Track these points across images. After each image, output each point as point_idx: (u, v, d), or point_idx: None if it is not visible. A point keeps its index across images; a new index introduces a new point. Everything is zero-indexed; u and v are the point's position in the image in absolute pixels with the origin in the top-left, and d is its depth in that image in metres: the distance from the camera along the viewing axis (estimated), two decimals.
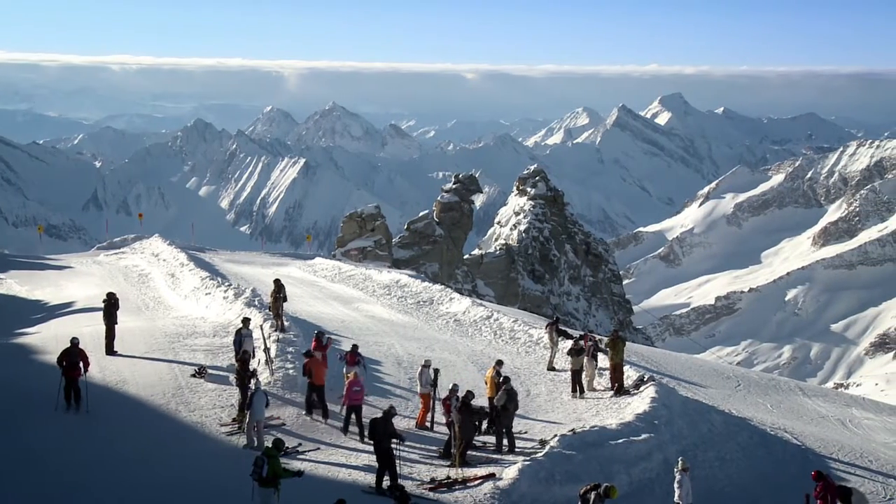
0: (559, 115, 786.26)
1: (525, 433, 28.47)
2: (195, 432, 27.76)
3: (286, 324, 37.31)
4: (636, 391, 31.87)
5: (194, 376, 32.20)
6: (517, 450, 26.74)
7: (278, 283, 38.15)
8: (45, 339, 36.83)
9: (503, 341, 40.65)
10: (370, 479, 24.11)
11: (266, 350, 33.12)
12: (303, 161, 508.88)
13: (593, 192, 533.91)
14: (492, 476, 24.34)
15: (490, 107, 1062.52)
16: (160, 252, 59.16)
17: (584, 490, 21.13)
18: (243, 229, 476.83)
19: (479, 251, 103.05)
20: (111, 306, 35.16)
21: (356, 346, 31.66)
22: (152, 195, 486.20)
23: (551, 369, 35.85)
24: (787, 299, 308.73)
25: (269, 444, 22.28)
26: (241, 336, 31.81)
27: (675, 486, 23.26)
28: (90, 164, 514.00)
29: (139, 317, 41.72)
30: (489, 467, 25.25)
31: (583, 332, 38.38)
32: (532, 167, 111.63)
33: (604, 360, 33.84)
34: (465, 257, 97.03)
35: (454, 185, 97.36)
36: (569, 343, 34.92)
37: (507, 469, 24.50)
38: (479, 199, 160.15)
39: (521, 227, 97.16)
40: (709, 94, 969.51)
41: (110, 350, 34.50)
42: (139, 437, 26.95)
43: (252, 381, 27.53)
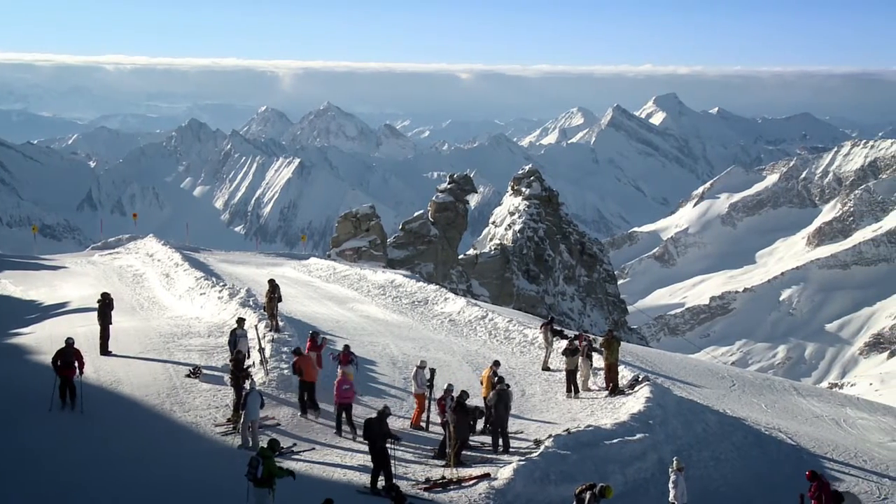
0: (554, 115, 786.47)
1: (519, 433, 28.46)
2: (190, 432, 27.72)
3: (281, 324, 37.28)
4: (631, 391, 31.87)
5: (189, 376, 32.16)
6: (512, 450, 26.73)
7: (273, 283, 38.09)
8: (39, 339, 36.77)
9: (498, 341, 40.64)
10: (365, 479, 24.10)
11: (261, 350, 33.09)
12: (297, 161, 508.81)
13: (588, 192, 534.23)
14: (487, 476, 24.33)
15: (485, 107, 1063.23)
16: (155, 252, 59.05)
17: (579, 490, 21.15)
18: (238, 229, 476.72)
19: (474, 251, 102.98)
20: (106, 306, 35.11)
21: (348, 345, 31.71)
22: (147, 195, 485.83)
23: (546, 369, 35.83)
24: (781, 299, 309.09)
25: (264, 445, 22.27)
26: (236, 336, 31.80)
27: (670, 485, 23.27)
28: (84, 164, 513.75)
29: (134, 317, 41.67)
30: (484, 467, 25.23)
31: (577, 332, 38.37)
32: (527, 167, 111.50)
33: (598, 360, 33.85)
34: (460, 257, 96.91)
35: (449, 185, 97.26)
36: (563, 343, 34.93)
37: (502, 469, 24.50)
38: (473, 199, 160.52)
39: (516, 227, 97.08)
40: (703, 94, 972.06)
41: (105, 350, 34.45)
42: (134, 437, 26.92)
43: (247, 382, 27.53)
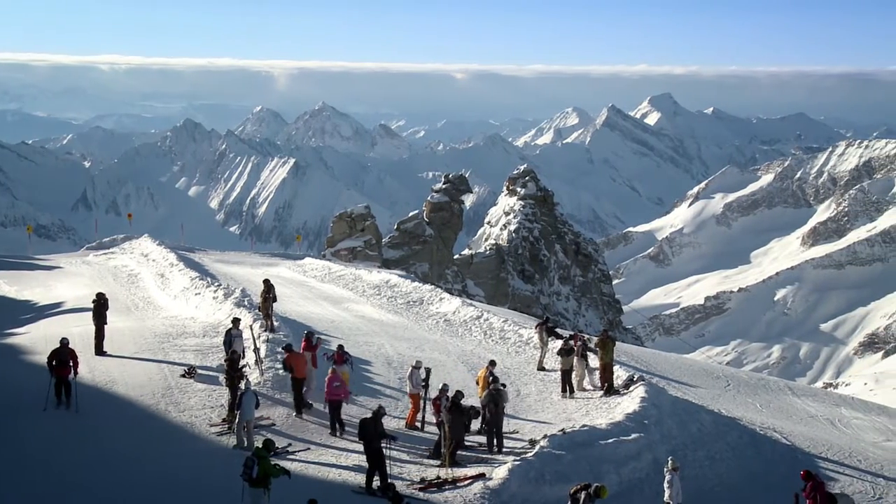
0: (549, 115, 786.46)
1: (515, 433, 28.47)
2: (185, 432, 27.72)
3: (276, 324, 37.30)
4: (626, 391, 31.88)
5: (184, 376, 32.16)
6: (506, 450, 26.75)
7: (268, 283, 38.11)
8: (34, 339, 36.74)
9: (493, 341, 40.65)
10: (360, 479, 24.10)
11: (256, 350, 33.09)
12: (292, 161, 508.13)
13: (583, 192, 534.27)
14: (482, 476, 24.34)
15: (480, 107, 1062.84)
16: (149, 252, 59.04)
17: (573, 490, 21.16)
18: (233, 229, 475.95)
19: (469, 251, 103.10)
20: (101, 307, 35.09)
21: (342, 345, 31.76)
22: (142, 195, 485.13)
23: (541, 369, 35.86)
24: (776, 299, 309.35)
25: (259, 445, 22.27)
26: (232, 336, 31.79)
27: (665, 485, 23.29)
28: (79, 164, 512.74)
29: (129, 317, 41.65)
30: (479, 467, 25.24)
31: (572, 333, 38.39)
32: (522, 167, 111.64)
33: (593, 360, 33.86)
34: (455, 257, 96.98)
35: (444, 185, 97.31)
36: (559, 343, 34.94)
37: (496, 469, 24.51)
38: (468, 199, 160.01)
39: (511, 227, 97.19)
40: (698, 95, 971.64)
41: (100, 350, 34.44)
42: (129, 437, 26.91)
43: (242, 382, 27.53)
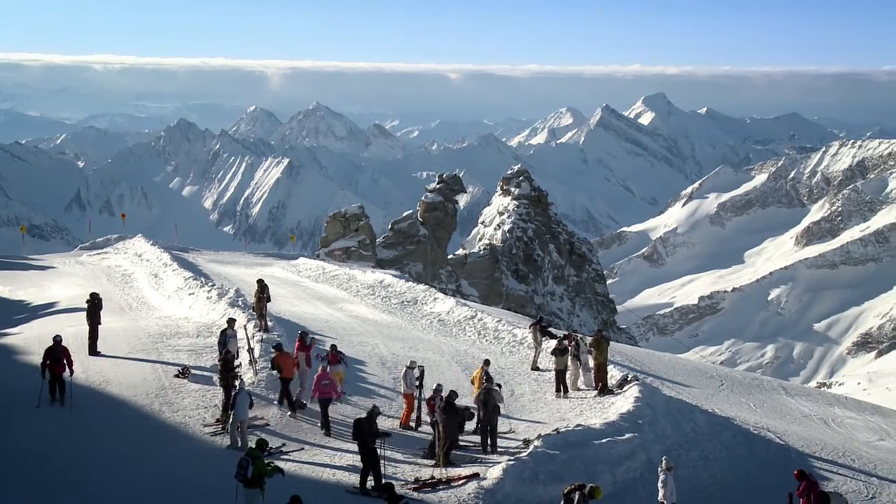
0: (543, 115, 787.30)
1: (509, 433, 28.45)
2: (179, 433, 27.67)
3: (270, 324, 37.27)
4: (620, 391, 31.89)
5: (178, 377, 32.11)
6: (501, 449, 26.73)
7: (262, 283, 38.05)
8: (27, 339, 36.68)
9: (487, 341, 40.65)
10: (354, 479, 24.07)
11: (250, 350, 33.05)
12: (286, 161, 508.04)
13: (577, 191, 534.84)
14: (476, 476, 24.31)
15: (474, 107, 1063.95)
16: (143, 252, 58.97)
17: (567, 490, 21.14)
18: (227, 229, 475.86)
19: (463, 251, 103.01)
20: (94, 307, 35.03)
21: (335, 345, 31.84)
22: (135, 195, 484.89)
23: (535, 369, 35.86)
24: (769, 299, 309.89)
25: (252, 445, 22.24)
26: (226, 337, 31.75)
27: (660, 485, 23.29)
28: (73, 164, 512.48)
29: (122, 317, 41.59)
30: (473, 467, 25.22)
31: (566, 332, 38.40)
32: (516, 167, 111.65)
33: (588, 360, 33.87)
34: (449, 257, 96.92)
35: (438, 185, 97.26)
36: (553, 343, 34.95)
37: (491, 469, 24.47)
38: (462, 199, 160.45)
39: (505, 227, 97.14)
40: (692, 95, 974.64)
41: (93, 350, 34.38)
42: (123, 437, 26.85)
43: (236, 382, 27.51)
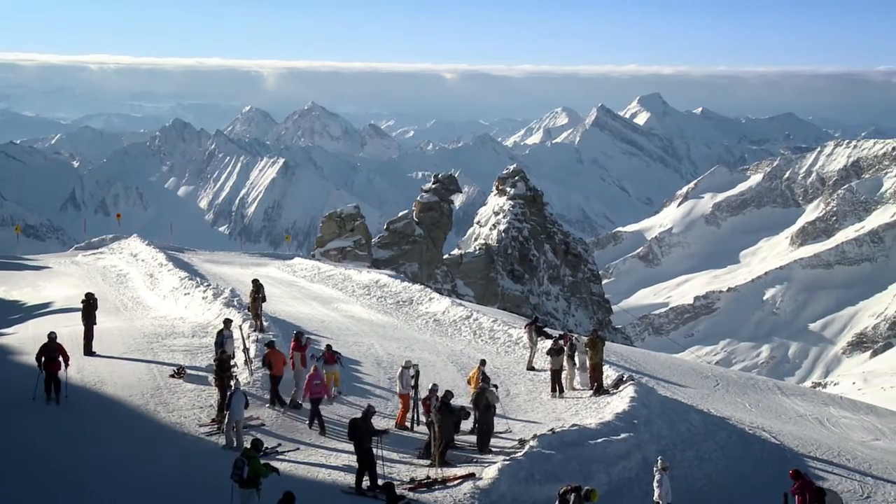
0: (538, 115, 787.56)
1: (506, 433, 28.45)
2: (174, 433, 27.67)
3: (265, 324, 37.26)
4: (615, 391, 31.92)
5: (173, 377, 32.11)
6: (496, 449, 26.73)
7: (257, 283, 38.08)
8: (22, 339, 36.64)
9: (483, 341, 40.66)
10: (349, 479, 24.09)
11: (245, 350, 33.04)
12: (282, 161, 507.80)
13: (572, 191, 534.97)
14: (471, 476, 24.32)
15: (469, 107, 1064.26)
16: (138, 252, 58.94)
17: (563, 490, 21.11)
18: (222, 229, 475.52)
19: (459, 251, 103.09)
20: (90, 307, 35.01)
21: (330, 345, 31.95)
22: (131, 195, 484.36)
23: (531, 369, 35.89)
24: (765, 299, 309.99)
25: (248, 445, 22.23)
26: (223, 338, 31.72)
27: (655, 485, 23.30)
28: (68, 164, 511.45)
29: (118, 317, 41.56)
30: (469, 467, 25.23)
31: (562, 332, 38.41)
32: (511, 167, 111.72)
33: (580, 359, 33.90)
34: (445, 257, 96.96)
35: (433, 185, 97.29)
36: (548, 343, 34.97)
37: (486, 469, 24.49)
38: (458, 199, 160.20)
39: (501, 227, 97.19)
40: (687, 95, 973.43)
41: (88, 351, 34.36)
42: (118, 437, 26.85)
43: (231, 382, 27.51)
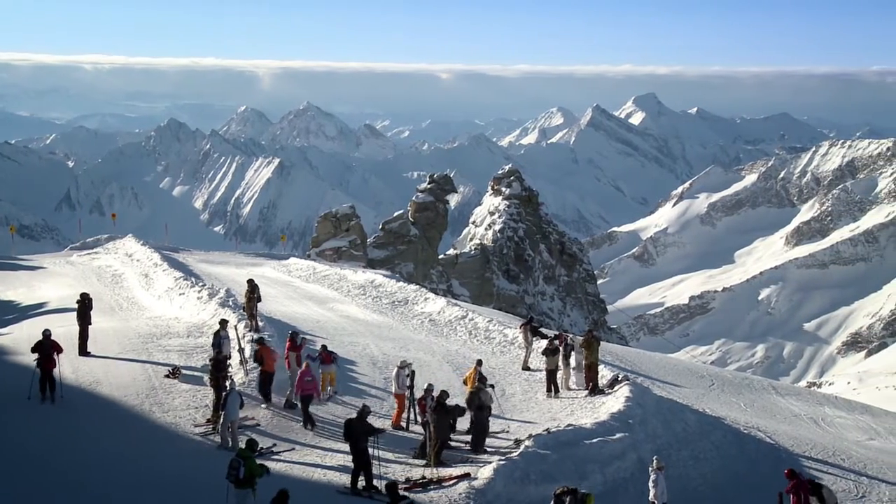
0: (533, 115, 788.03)
1: (502, 433, 28.45)
2: (169, 433, 27.63)
3: (261, 324, 37.21)
4: (610, 391, 31.91)
5: (168, 377, 32.07)
6: (491, 449, 26.73)
7: (252, 283, 38.04)
8: (17, 339, 36.52)
9: (478, 341, 40.65)
10: (345, 479, 24.07)
11: (240, 350, 33.01)
12: (277, 161, 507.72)
13: (568, 191, 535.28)
14: (467, 476, 24.31)
15: (465, 107, 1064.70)
16: (134, 252, 58.84)
17: (559, 491, 21.08)
18: (217, 229, 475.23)
19: (454, 251, 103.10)
20: (85, 307, 34.94)
21: (325, 346, 32.02)
22: (126, 195, 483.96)
23: (526, 369, 35.87)
24: (760, 299, 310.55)
25: (243, 445, 22.21)
26: (220, 338, 31.67)
27: (650, 485, 23.31)
28: (63, 164, 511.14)
29: (113, 317, 41.49)
30: (464, 467, 25.22)
31: (557, 332, 38.42)
32: (507, 167, 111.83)
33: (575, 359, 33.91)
34: (440, 257, 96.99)
35: (429, 185, 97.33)
36: (543, 343, 34.96)
37: (482, 469, 24.47)
38: (453, 199, 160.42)
39: (496, 227, 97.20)
40: (682, 95, 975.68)
41: (83, 351, 34.29)
42: (113, 437, 26.80)
43: (227, 382, 27.49)
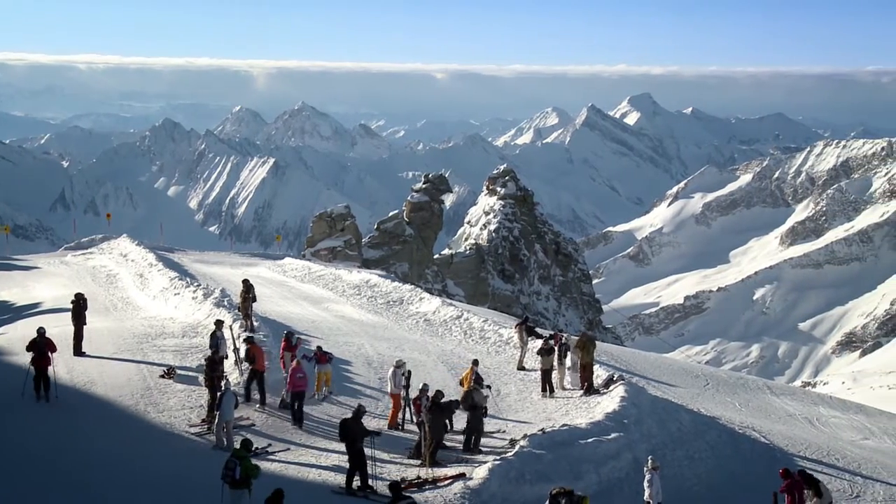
0: (529, 115, 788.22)
1: (497, 433, 28.46)
2: (164, 433, 27.62)
3: (255, 324, 37.18)
4: (606, 390, 31.94)
5: (163, 377, 32.04)
6: (487, 449, 26.74)
7: (247, 283, 38.02)
8: (11, 339, 36.46)
9: (473, 341, 40.66)
10: (340, 479, 24.08)
11: (235, 350, 32.99)
12: (272, 161, 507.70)
13: (563, 191, 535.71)
14: (462, 476, 24.32)
15: (460, 107, 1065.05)
16: (128, 252, 58.76)
17: (555, 491, 21.05)
18: (212, 229, 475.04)
19: (449, 251, 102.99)
20: (79, 307, 34.90)
21: (320, 346, 32.12)
22: (120, 195, 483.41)
23: (521, 369, 35.90)
24: (755, 298, 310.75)
25: (238, 445, 22.20)
26: (217, 339, 31.65)
27: (645, 484, 23.34)
28: (57, 164, 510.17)
29: (107, 317, 41.43)
30: (459, 467, 25.23)
31: (552, 332, 38.44)
32: (502, 167, 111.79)
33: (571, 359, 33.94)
34: (435, 257, 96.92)
35: (424, 185, 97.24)
36: (538, 343, 34.99)
37: (477, 469, 24.49)
38: (448, 199, 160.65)
39: (491, 227, 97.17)
40: (677, 95, 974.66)
41: (78, 351, 34.25)
42: (108, 437, 26.78)
43: (221, 382, 27.48)
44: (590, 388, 32.39)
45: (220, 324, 32.80)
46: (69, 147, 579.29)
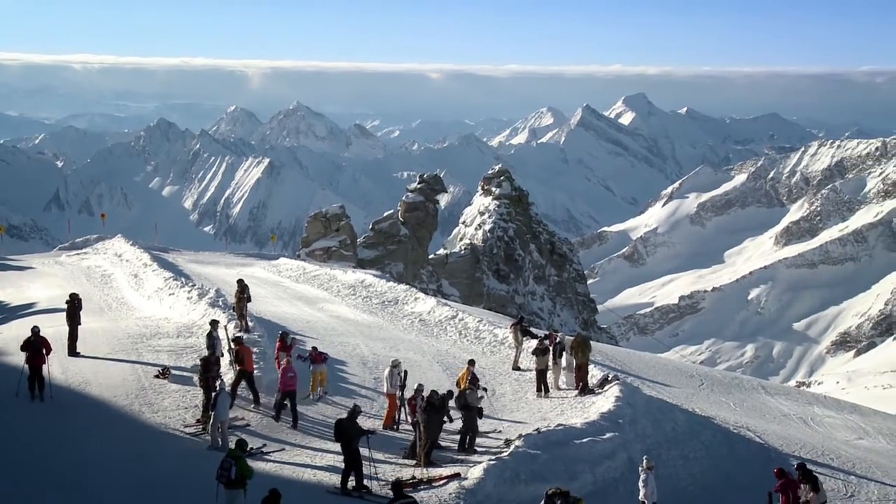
0: (523, 115, 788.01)
1: (493, 433, 28.47)
2: (159, 433, 27.57)
3: (250, 324, 37.18)
4: (600, 390, 31.94)
5: (158, 377, 32.01)
6: (482, 449, 26.74)
7: (242, 283, 38.00)
8: (6, 340, 36.39)
9: (468, 341, 40.66)
10: (335, 479, 24.06)
11: (230, 350, 32.93)
12: (267, 161, 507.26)
13: (558, 191, 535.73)
14: (457, 476, 24.31)
15: (455, 107, 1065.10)
16: (123, 252, 58.70)
17: (550, 492, 21.02)
18: (207, 229, 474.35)
19: (444, 251, 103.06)
20: (74, 307, 34.86)
21: (315, 347, 32.15)
22: (115, 195, 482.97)
23: (516, 369, 35.91)
24: (749, 298, 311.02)
25: (233, 446, 22.19)
26: (213, 340, 31.62)
27: (640, 484, 23.34)
28: (52, 164, 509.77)
29: (102, 318, 41.38)
30: (454, 467, 25.23)
31: (547, 332, 38.44)
32: (496, 167, 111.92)
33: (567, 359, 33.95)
34: (430, 257, 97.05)
35: (419, 185, 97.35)
36: (533, 343, 35.01)
37: (472, 469, 24.48)
38: (443, 199, 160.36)
39: (486, 227, 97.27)
40: (672, 95, 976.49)
41: (73, 351, 34.20)
42: (102, 437, 26.74)
43: (216, 382, 27.46)
44: (585, 388, 32.40)
45: (215, 324, 32.79)
46: (64, 147, 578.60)
